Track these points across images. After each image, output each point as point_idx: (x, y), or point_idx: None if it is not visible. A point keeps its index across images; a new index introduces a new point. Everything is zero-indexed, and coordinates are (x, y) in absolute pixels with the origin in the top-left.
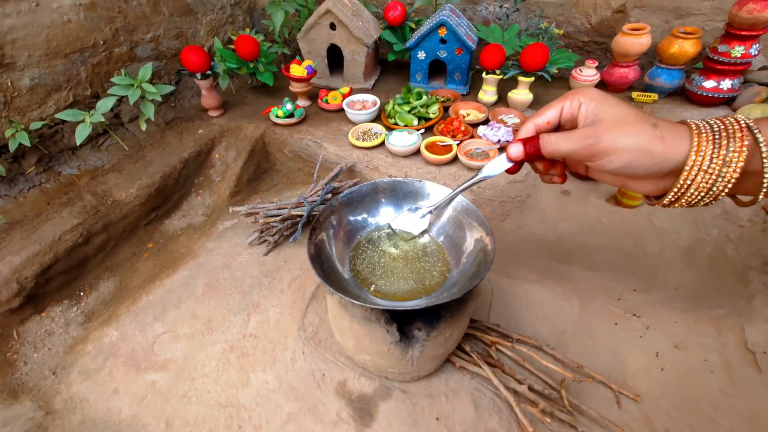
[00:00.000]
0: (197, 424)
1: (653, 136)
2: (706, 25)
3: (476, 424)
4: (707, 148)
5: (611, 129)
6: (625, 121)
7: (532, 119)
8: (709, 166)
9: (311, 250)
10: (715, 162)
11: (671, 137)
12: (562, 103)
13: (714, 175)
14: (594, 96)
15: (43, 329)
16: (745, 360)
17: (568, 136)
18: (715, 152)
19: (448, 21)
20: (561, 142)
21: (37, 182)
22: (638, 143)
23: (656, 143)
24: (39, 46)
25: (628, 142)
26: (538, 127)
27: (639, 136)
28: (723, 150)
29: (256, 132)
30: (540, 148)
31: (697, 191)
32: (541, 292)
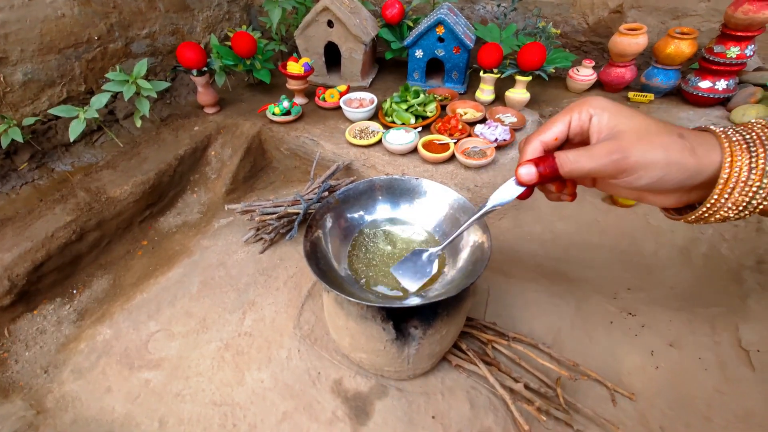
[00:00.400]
0: (191, 422)
1: (684, 148)
2: (702, 26)
3: (472, 422)
4: (743, 158)
5: (637, 142)
6: (650, 132)
7: (538, 135)
8: (748, 178)
9: (307, 248)
10: (755, 173)
11: (702, 148)
12: (569, 116)
13: (754, 187)
14: (605, 106)
15: (35, 327)
16: (739, 358)
17: (589, 154)
18: (753, 162)
19: (445, 19)
20: (583, 160)
21: (29, 179)
22: (669, 157)
23: (687, 156)
24: (32, 40)
25: (658, 156)
26: (546, 144)
27: (669, 150)
28: (761, 159)
29: (253, 129)
30: (557, 168)
31: (734, 205)
32: (537, 290)
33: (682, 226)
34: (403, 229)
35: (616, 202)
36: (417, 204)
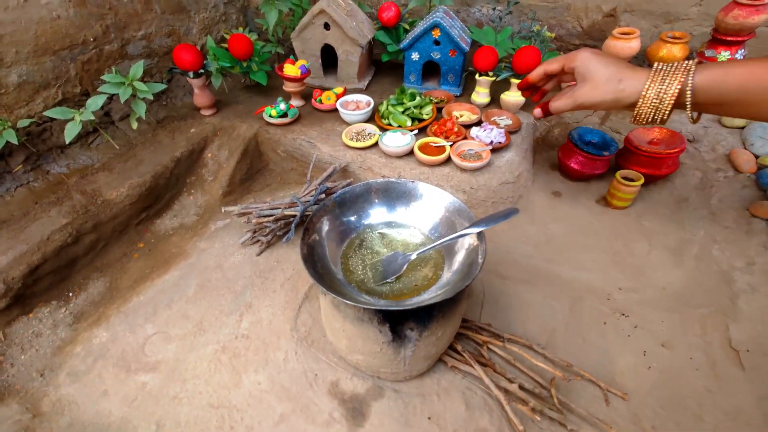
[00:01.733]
0: (188, 425)
1: (616, 91)
2: (694, 30)
3: (467, 422)
4: (654, 86)
5: (591, 92)
6: (600, 82)
7: (543, 67)
8: (652, 100)
9: (304, 251)
10: (658, 96)
11: (631, 87)
12: (564, 62)
13: (656, 103)
14: (584, 59)
15: (30, 330)
16: (729, 358)
17: (563, 101)
18: (660, 88)
19: (441, 23)
20: (564, 105)
21: (24, 181)
22: (605, 98)
23: (618, 94)
24: (27, 42)
25: (599, 98)
26: (547, 72)
27: (606, 95)
28: (664, 86)
29: (249, 131)
30: (549, 108)
31: (645, 115)
32: (531, 292)
33: (674, 229)
34: (400, 232)
35: (610, 204)
36: (413, 207)
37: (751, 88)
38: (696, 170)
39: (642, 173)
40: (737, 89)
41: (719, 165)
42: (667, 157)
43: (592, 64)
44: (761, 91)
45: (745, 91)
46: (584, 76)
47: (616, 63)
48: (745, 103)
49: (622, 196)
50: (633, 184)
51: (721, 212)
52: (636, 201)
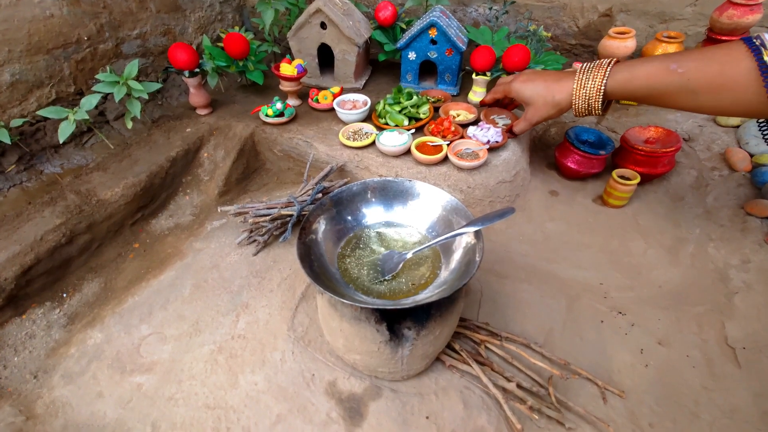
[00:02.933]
0: (184, 426)
1: (554, 105)
2: (689, 30)
3: (465, 422)
4: (579, 89)
5: (537, 112)
6: (538, 104)
7: (492, 95)
8: (582, 99)
9: (301, 250)
10: (585, 95)
11: (562, 96)
12: (503, 93)
13: (585, 100)
14: (517, 90)
15: (23, 332)
16: (726, 356)
17: (521, 125)
18: (584, 90)
19: (438, 22)
20: (524, 126)
21: (17, 181)
22: (549, 113)
23: (557, 107)
24: (20, 41)
25: (544, 115)
26: (494, 98)
27: (549, 111)
28: (589, 82)
29: (246, 131)
30: (513, 128)
31: (581, 110)
32: (529, 290)
33: (670, 227)
34: (397, 231)
35: (606, 203)
36: (410, 206)
37: (653, 87)
38: (691, 169)
39: (638, 172)
40: (643, 88)
41: (714, 164)
42: (662, 156)
43: (525, 92)
44: (661, 90)
45: (648, 89)
46: (525, 102)
47: (544, 80)
48: (652, 98)
49: (619, 195)
50: (629, 183)
51: (716, 210)
52: (632, 200)
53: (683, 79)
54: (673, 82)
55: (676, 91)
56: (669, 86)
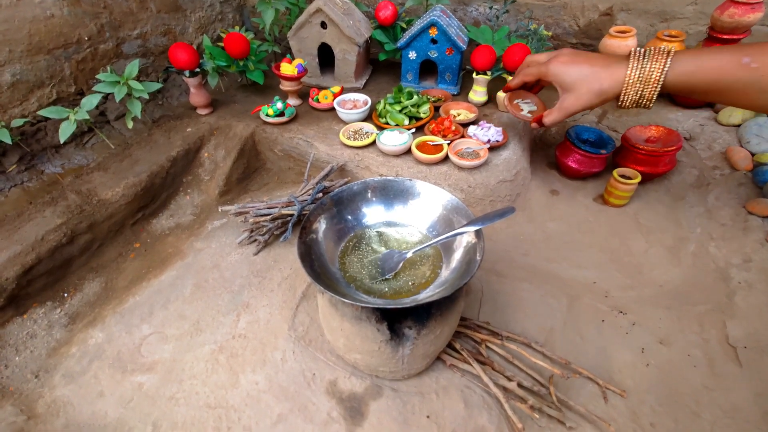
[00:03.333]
0: (185, 426)
1: (600, 94)
2: (690, 29)
3: (466, 421)
4: (636, 72)
5: (577, 101)
6: (580, 91)
7: (521, 77)
8: (632, 87)
9: (301, 250)
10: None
11: (611, 84)
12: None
13: (638, 92)
14: (557, 73)
15: (24, 331)
16: (727, 355)
17: (560, 112)
18: (641, 75)
19: (438, 21)
20: (559, 117)
21: (18, 181)
22: (591, 102)
23: (602, 96)
24: (21, 41)
25: (585, 105)
26: (524, 81)
27: (592, 100)
28: (646, 72)
29: (246, 131)
30: (543, 120)
31: (627, 102)
32: (529, 290)
33: (672, 226)
34: (397, 230)
35: (607, 202)
36: (411, 205)
37: (719, 81)
38: (692, 168)
39: (639, 171)
40: (706, 82)
41: (716, 163)
42: (664, 155)
43: (567, 76)
44: (728, 85)
45: (713, 83)
46: (564, 88)
47: (589, 64)
48: (713, 94)
49: (620, 194)
50: (630, 182)
51: (717, 210)
52: (633, 199)
53: (756, 75)
54: (743, 78)
55: (745, 87)
56: (737, 82)
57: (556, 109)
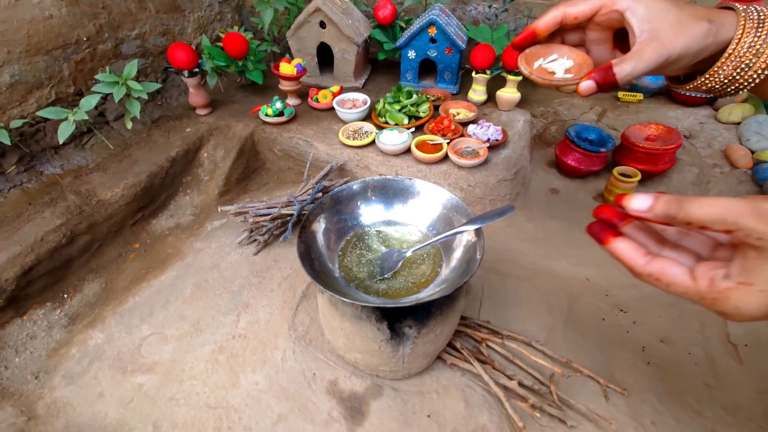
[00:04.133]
0: (186, 426)
1: (709, 33)
2: None
3: (467, 420)
4: (748, 38)
5: (675, 38)
6: (683, 25)
7: (564, 7)
8: (744, 54)
9: (301, 249)
10: (752, 48)
11: (723, 29)
12: (600, 3)
13: (747, 60)
14: (639, 3)
15: (24, 332)
16: (728, 353)
17: (642, 60)
18: (754, 40)
19: (437, 20)
20: (639, 68)
21: (18, 182)
22: (701, 44)
23: (711, 39)
24: (19, 42)
25: (694, 47)
26: (567, 16)
27: (701, 39)
28: (760, 40)
29: (246, 131)
30: (615, 80)
31: (725, 77)
32: (530, 288)
33: None
34: (397, 229)
35: (607, 201)
36: (410, 204)
37: None
38: (692, 166)
39: (639, 169)
40: None
41: (716, 161)
42: (663, 153)
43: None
44: None
45: None
46: (653, 23)
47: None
48: None
49: (620, 193)
50: (630, 181)
51: None
52: None
53: None
54: None
55: None
56: None
57: (634, 55)
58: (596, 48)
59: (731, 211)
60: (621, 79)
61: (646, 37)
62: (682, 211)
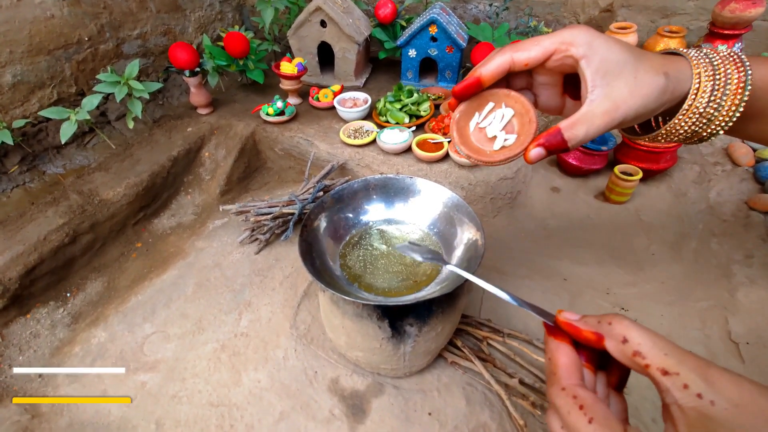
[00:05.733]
0: (188, 424)
1: (666, 90)
2: (691, 24)
3: (468, 418)
4: (705, 93)
5: (630, 99)
6: (639, 83)
7: (512, 51)
8: (705, 109)
9: (303, 248)
10: (711, 105)
11: (679, 83)
12: (551, 50)
13: (713, 107)
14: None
15: (28, 331)
16: (729, 351)
17: (592, 124)
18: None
19: (438, 19)
20: (591, 132)
21: (20, 181)
22: (656, 104)
23: (668, 95)
24: (21, 42)
25: (649, 106)
26: (515, 63)
27: (657, 98)
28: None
29: (247, 130)
30: (566, 145)
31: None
32: (531, 287)
33: (673, 223)
34: (398, 228)
35: (609, 199)
36: (412, 203)
37: None
38: (694, 164)
39: (640, 168)
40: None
41: (717, 159)
42: (665, 151)
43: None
44: None
45: None
46: (605, 79)
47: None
48: None
49: (621, 191)
50: (631, 179)
51: (719, 206)
52: (634, 196)
53: None
54: None
55: None
56: None
57: (584, 117)
58: (545, 92)
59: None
60: (572, 146)
61: (598, 95)
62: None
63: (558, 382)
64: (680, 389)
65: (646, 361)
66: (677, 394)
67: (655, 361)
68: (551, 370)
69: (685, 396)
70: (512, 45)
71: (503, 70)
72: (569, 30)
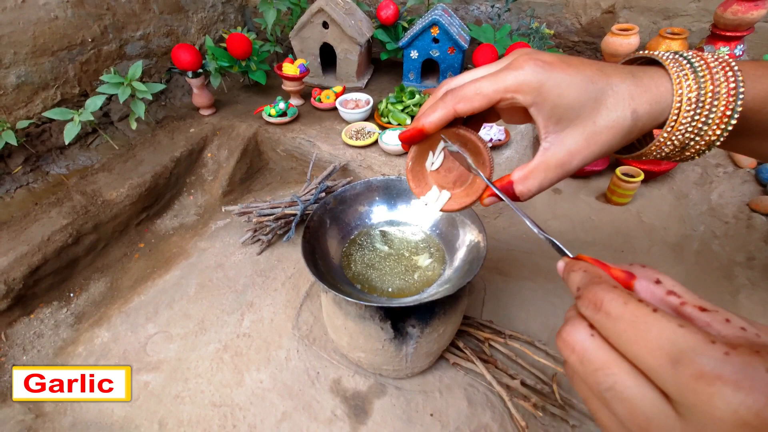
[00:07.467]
0: (191, 424)
1: (631, 131)
2: (693, 26)
3: (470, 419)
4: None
5: (588, 147)
6: (598, 129)
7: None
8: (691, 109)
9: (305, 249)
10: (690, 132)
11: (651, 120)
12: (496, 99)
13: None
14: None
15: (32, 331)
16: None
17: (546, 176)
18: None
19: (440, 20)
20: (546, 183)
21: (24, 182)
22: (622, 142)
23: (635, 134)
24: (25, 43)
25: (613, 147)
26: (459, 113)
27: (620, 139)
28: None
29: (249, 131)
30: (516, 197)
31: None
32: (533, 288)
33: (675, 224)
34: (401, 229)
35: (610, 201)
36: (414, 204)
37: None
38: (695, 166)
39: (641, 169)
40: None
41: (719, 160)
42: None
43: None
44: None
45: None
46: (559, 117)
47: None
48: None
49: (622, 193)
50: (633, 181)
51: (720, 208)
52: (636, 197)
53: None
54: None
55: None
56: None
57: (540, 166)
58: (506, 114)
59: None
60: (525, 200)
61: (552, 142)
62: None
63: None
64: (722, 323)
65: (682, 299)
66: (719, 327)
67: (692, 299)
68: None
69: (728, 329)
70: (453, 93)
71: (447, 120)
72: (514, 71)
